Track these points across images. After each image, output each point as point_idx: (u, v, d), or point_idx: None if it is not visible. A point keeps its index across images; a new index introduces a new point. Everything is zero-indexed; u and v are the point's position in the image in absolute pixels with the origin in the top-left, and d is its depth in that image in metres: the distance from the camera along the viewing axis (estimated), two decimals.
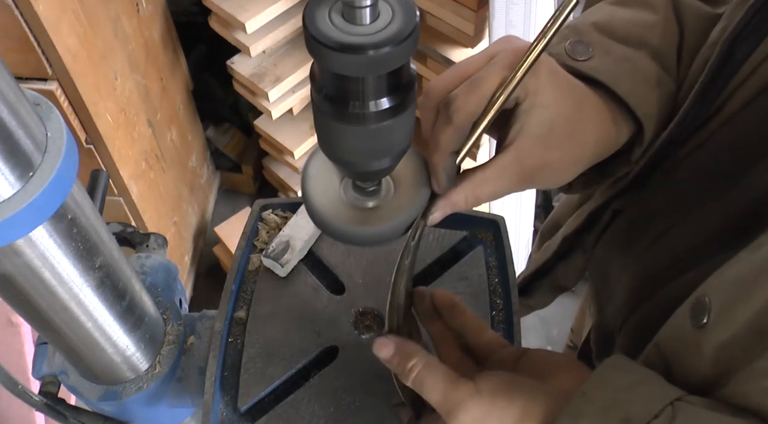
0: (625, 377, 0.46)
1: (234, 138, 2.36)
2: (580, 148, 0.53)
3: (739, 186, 0.52)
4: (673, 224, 0.59)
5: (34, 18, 1.16)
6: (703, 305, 0.45)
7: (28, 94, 0.42)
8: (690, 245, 0.57)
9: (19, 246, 0.44)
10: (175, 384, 0.68)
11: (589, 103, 0.53)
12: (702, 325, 0.44)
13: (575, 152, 0.53)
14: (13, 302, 0.50)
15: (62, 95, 1.32)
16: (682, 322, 0.47)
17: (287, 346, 0.66)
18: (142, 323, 0.62)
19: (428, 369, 0.50)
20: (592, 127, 0.53)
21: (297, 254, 0.72)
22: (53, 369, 0.67)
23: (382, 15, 0.39)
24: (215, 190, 2.41)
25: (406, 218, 0.52)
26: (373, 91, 0.42)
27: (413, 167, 0.53)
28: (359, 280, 0.71)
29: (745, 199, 0.52)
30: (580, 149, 0.53)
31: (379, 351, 0.53)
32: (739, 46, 0.52)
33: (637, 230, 0.64)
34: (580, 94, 0.53)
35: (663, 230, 0.60)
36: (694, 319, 0.45)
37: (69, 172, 0.43)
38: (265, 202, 0.77)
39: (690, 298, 0.47)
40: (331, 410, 0.63)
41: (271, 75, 1.81)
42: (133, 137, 1.63)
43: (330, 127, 0.44)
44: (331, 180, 0.53)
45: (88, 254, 0.50)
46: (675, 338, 0.49)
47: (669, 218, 0.60)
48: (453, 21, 1.55)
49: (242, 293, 0.71)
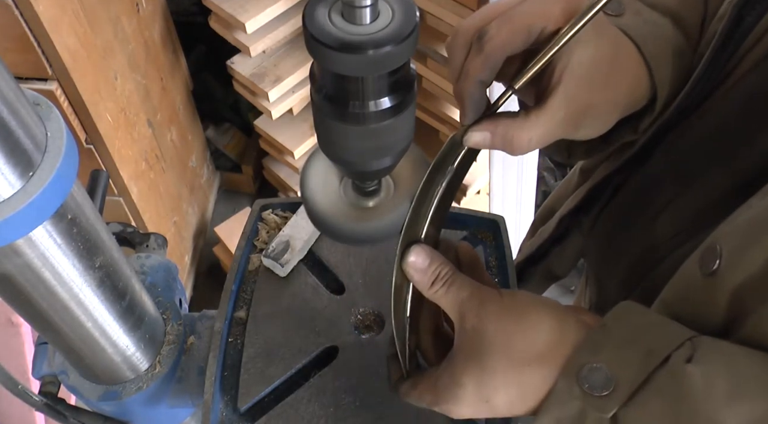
0: (642, 318, 0.46)
1: (234, 138, 2.36)
2: (618, 93, 0.52)
3: (747, 147, 0.52)
4: (677, 193, 0.59)
5: (34, 18, 1.16)
6: (713, 252, 0.45)
7: (28, 94, 0.42)
8: (695, 212, 0.56)
9: (19, 246, 0.44)
10: (175, 384, 0.68)
11: (624, 48, 0.53)
12: (712, 271, 0.44)
13: (614, 96, 0.52)
14: (13, 302, 0.50)
15: (62, 95, 1.32)
16: (691, 272, 0.47)
17: (287, 346, 0.66)
18: (142, 322, 0.62)
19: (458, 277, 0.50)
20: (627, 73, 0.53)
21: (297, 254, 0.72)
22: (53, 369, 0.67)
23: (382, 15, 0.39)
24: (215, 190, 2.41)
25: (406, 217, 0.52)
26: (373, 90, 0.42)
27: (413, 167, 0.53)
28: (359, 280, 0.71)
29: (754, 159, 0.51)
30: (617, 94, 0.52)
31: (417, 255, 0.50)
32: (750, 11, 0.52)
33: (639, 203, 0.64)
34: (616, 37, 0.52)
35: (666, 200, 0.60)
36: (704, 267, 0.45)
37: (69, 172, 0.43)
38: (265, 202, 0.77)
39: (698, 250, 0.47)
40: (331, 410, 0.63)
41: (271, 75, 1.81)
42: (133, 137, 1.63)
43: (330, 127, 0.44)
44: (331, 180, 0.53)
45: (88, 254, 0.50)
46: (684, 289, 0.48)
47: (672, 188, 0.59)
48: (453, 21, 1.55)
49: (242, 293, 0.71)
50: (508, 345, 0.46)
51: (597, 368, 0.43)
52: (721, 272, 0.44)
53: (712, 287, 0.44)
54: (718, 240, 0.45)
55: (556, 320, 0.47)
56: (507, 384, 0.47)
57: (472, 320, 0.48)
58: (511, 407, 0.47)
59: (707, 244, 0.46)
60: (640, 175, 0.64)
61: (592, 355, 0.44)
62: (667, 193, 0.60)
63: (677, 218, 0.59)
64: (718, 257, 0.44)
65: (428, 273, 0.50)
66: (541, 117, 0.49)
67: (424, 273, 0.50)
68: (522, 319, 0.47)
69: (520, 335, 0.46)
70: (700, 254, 0.46)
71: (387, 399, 0.63)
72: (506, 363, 0.46)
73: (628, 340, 0.44)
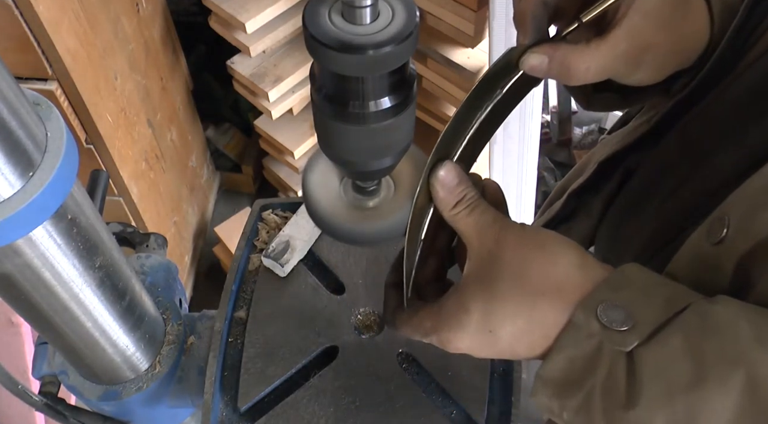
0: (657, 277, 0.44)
1: (234, 138, 2.36)
2: (681, 36, 0.52)
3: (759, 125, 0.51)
4: (688, 175, 0.58)
5: (34, 18, 1.16)
6: (721, 221, 0.44)
7: (28, 94, 0.42)
8: (707, 192, 0.55)
9: (19, 246, 0.44)
10: (175, 384, 0.68)
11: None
12: (720, 240, 0.43)
13: (676, 39, 0.52)
14: (13, 302, 0.50)
15: (62, 95, 1.32)
16: (697, 243, 0.46)
17: (287, 346, 0.66)
18: (142, 322, 0.62)
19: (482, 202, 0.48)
20: (691, 17, 0.52)
21: (297, 254, 0.72)
22: (53, 369, 0.67)
23: (382, 15, 0.39)
24: (215, 190, 2.41)
25: (406, 217, 0.52)
26: (373, 90, 0.42)
27: (413, 167, 0.53)
28: (359, 280, 0.71)
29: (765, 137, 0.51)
30: (681, 37, 0.52)
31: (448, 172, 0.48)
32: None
33: (650, 186, 0.63)
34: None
35: (678, 183, 0.59)
36: (711, 236, 0.44)
37: (69, 172, 0.43)
38: (265, 202, 0.77)
39: (705, 221, 0.46)
40: (331, 410, 0.63)
41: (271, 75, 1.81)
42: (133, 137, 1.63)
43: (330, 127, 0.44)
44: (332, 180, 0.53)
45: (88, 254, 0.50)
46: (691, 260, 0.47)
47: (683, 170, 0.59)
48: (453, 21, 1.55)
49: (242, 293, 0.71)
50: (524, 273, 0.44)
51: (616, 306, 0.41)
52: (728, 240, 0.43)
53: (719, 255, 0.43)
54: (727, 210, 0.44)
55: (578, 257, 0.45)
56: (516, 314, 0.44)
57: (489, 244, 0.46)
58: (514, 343, 0.45)
59: (715, 214, 0.45)
60: (651, 158, 0.63)
61: (612, 292, 0.42)
62: (679, 175, 0.59)
63: (689, 198, 0.57)
64: (726, 226, 0.43)
65: (455, 192, 0.48)
66: (602, 47, 0.48)
67: (451, 192, 0.48)
68: (543, 250, 0.45)
69: (538, 265, 0.44)
70: (708, 225, 0.45)
71: (387, 399, 0.63)
72: (519, 292, 0.44)
73: (648, 285, 0.43)
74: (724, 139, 0.55)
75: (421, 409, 0.62)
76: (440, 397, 0.64)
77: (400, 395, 0.63)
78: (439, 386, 0.64)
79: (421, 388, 0.64)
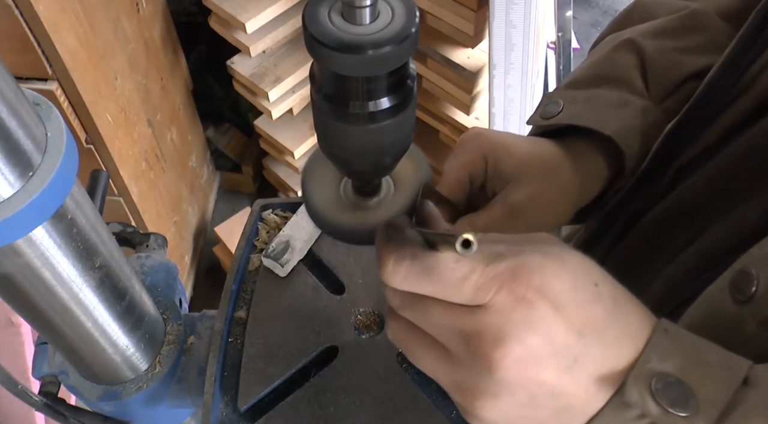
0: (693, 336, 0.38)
1: (234, 138, 2.37)
2: (561, 216, 0.57)
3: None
4: (700, 229, 0.54)
5: (34, 18, 1.16)
6: (747, 277, 0.41)
7: (28, 94, 0.42)
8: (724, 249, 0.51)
9: (19, 246, 0.44)
10: (175, 384, 0.68)
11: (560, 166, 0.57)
12: (747, 299, 0.41)
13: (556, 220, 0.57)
14: (13, 302, 0.50)
15: (62, 95, 1.32)
16: (718, 299, 0.43)
17: (287, 346, 0.66)
18: (142, 323, 0.62)
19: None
20: (566, 197, 0.57)
21: (297, 254, 0.72)
22: (53, 369, 0.67)
23: (381, 15, 0.39)
24: (215, 190, 2.41)
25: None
26: (372, 90, 0.42)
27: (413, 167, 0.53)
28: (359, 280, 0.71)
29: None
30: (560, 217, 0.57)
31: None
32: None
33: (656, 241, 0.60)
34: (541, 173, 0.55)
35: (689, 237, 0.56)
36: (738, 293, 0.41)
37: (69, 172, 0.43)
38: (265, 202, 0.77)
39: (724, 275, 0.43)
40: (331, 410, 0.63)
41: (271, 75, 1.81)
42: (133, 137, 1.63)
43: (330, 127, 0.44)
44: (331, 180, 0.53)
45: (88, 254, 0.50)
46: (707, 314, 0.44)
47: (694, 224, 0.55)
48: (453, 21, 1.55)
49: (242, 293, 0.71)
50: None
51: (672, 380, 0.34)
52: (757, 300, 0.40)
53: (743, 314, 0.41)
54: (751, 264, 0.41)
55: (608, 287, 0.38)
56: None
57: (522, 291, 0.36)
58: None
59: (737, 269, 0.42)
60: (655, 212, 0.60)
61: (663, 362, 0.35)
62: (690, 229, 0.55)
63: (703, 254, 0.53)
64: (755, 285, 0.40)
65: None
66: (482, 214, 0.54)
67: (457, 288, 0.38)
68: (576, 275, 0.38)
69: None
70: (730, 280, 0.43)
71: (387, 399, 0.63)
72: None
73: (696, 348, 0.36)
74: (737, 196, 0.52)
75: (421, 409, 0.62)
76: (440, 397, 0.64)
77: (400, 395, 0.63)
78: (439, 386, 0.64)
79: (421, 388, 0.64)
